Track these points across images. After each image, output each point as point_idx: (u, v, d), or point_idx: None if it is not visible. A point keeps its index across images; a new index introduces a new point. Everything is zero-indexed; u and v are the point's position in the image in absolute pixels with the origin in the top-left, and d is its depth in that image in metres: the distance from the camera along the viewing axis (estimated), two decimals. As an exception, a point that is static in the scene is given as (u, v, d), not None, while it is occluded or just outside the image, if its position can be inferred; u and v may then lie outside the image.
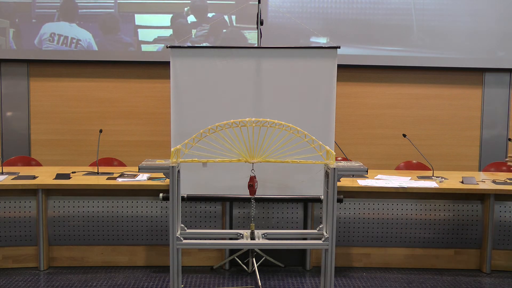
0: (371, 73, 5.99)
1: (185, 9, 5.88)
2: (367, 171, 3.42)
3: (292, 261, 4.58)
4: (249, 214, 4.44)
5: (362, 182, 4.51)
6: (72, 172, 4.70)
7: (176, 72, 4.23)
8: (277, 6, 5.75)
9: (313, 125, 4.09)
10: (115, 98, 5.95)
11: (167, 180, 4.35)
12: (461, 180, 4.61)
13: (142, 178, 4.55)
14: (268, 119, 3.26)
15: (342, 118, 5.51)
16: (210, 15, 5.89)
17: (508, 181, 4.69)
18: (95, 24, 5.90)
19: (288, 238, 3.80)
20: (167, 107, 4.33)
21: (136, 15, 5.90)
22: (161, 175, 4.51)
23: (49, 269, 4.44)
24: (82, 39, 5.89)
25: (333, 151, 3.36)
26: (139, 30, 5.92)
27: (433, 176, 4.80)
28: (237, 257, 4.46)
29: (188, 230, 3.52)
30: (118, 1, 5.87)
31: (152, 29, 5.90)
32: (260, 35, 4.46)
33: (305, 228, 4.49)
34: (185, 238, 3.35)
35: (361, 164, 3.47)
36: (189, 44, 5.75)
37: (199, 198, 4.35)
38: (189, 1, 5.88)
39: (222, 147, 3.28)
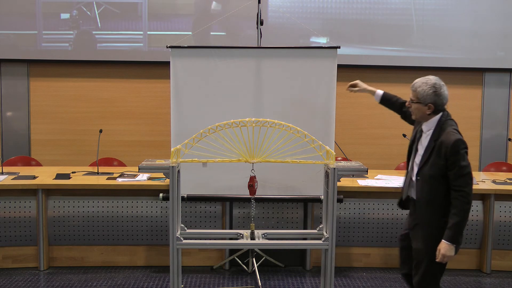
0: (371, 73, 5.97)
1: None
2: (367, 171, 3.42)
3: (292, 261, 4.58)
4: (249, 214, 4.44)
5: (362, 182, 4.50)
6: (72, 172, 4.70)
7: (176, 72, 4.23)
8: (277, 6, 5.74)
9: (313, 125, 4.10)
10: (115, 98, 5.94)
11: (167, 180, 4.34)
12: (461, 180, 4.60)
13: (142, 178, 4.55)
14: (268, 119, 3.25)
15: (342, 118, 5.49)
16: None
17: (508, 181, 4.69)
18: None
19: (288, 238, 3.80)
20: (167, 107, 4.33)
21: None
22: (161, 175, 4.51)
23: (49, 269, 4.44)
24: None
25: (333, 151, 3.36)
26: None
27: (433, 176, 4.78)
28: (237, 257, 4.46)
29: (188, 230, 3.52)
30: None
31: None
32: (260, 35, 4.46)
33: (305, 228, 4.49)
34: (185, 238, 3.35)
35: (361, 164, 3.47)
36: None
37: (199, 198, 4.35)
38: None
39: (222, 147, 3.27)
